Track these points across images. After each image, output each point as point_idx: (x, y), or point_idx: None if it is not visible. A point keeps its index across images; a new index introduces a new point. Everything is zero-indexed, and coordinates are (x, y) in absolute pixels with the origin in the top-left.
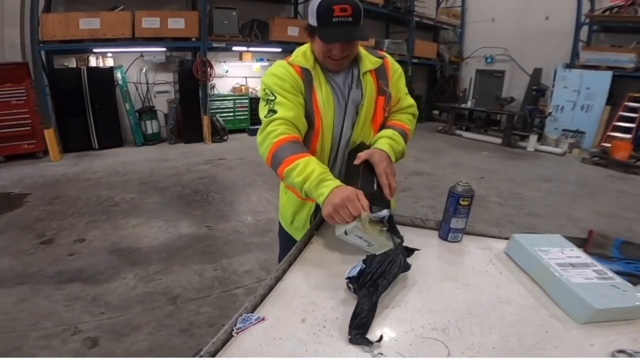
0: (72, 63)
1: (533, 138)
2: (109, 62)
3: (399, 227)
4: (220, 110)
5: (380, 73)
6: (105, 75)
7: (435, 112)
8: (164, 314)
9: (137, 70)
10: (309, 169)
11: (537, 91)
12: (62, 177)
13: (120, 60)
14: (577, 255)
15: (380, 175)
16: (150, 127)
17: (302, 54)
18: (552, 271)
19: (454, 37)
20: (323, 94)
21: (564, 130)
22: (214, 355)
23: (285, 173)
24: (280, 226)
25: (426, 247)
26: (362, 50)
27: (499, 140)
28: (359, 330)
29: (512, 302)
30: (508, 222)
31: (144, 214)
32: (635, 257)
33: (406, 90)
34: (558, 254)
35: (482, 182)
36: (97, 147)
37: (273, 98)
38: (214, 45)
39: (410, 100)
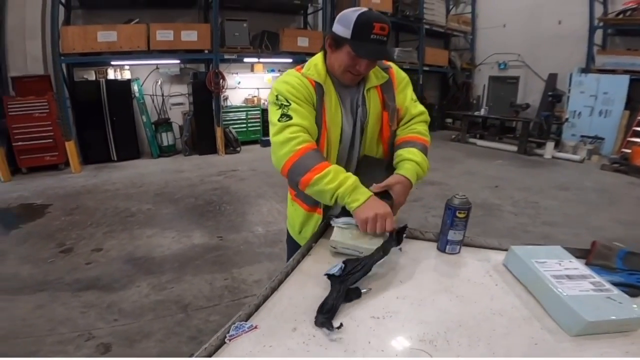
0: (91, 75)
1: (550, 145)
2: (127, 75)
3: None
4: (232, 122)
5: (386, 87)
6: (122, 88)
7: (449, 120)
8: (175, 322)
9: (152, 83)
10: (342, 176)
11: (553, 97)
12: (82, 189)
13: (137, 73)
14: (576, 267)
15: (395, 207)
16: (166, 138)
17: (314, 67)
18: (546, 283)
19: (465, 44)
20: (333, 111)
21: (582, 136)
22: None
23: (314, 179)
24: (289, 234)
25: (424, 258)
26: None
27: (515, 148)
28: (325, 314)
29: (505, 314)
30: (522, 232)
31: (159, 224)
32: (639, 267)
33: (414, 97)
34: (555, 265)
35: (497, 191)
36: (115, 158)
37: (288, 104)
38: (226, 57)
39: (420, 107)
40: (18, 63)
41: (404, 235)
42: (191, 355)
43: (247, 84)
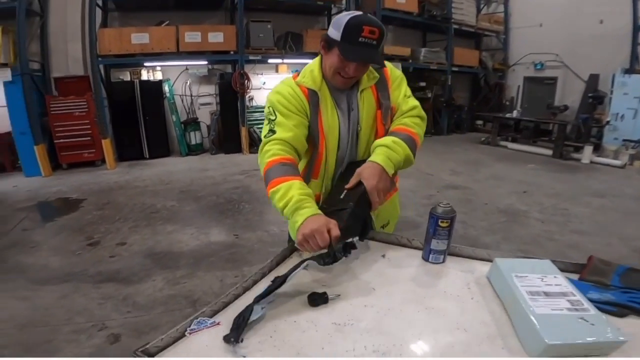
0: (126, 76)
1: (588, 149)
2: (158, 76)
3: (385, 245)
4: (257, 122)
5: (380, 85)
6: (155, 88)
7: (479, 122)
8: (182, 316)
9: (182, 83)
10: (289, 195)
11: (594, 98)
12: (115, 185)
13: (168, 74)
14: (558, 283)
15: (370, 194)
16: (194, 137)
17: (310, 74)
18: (518, 299)
19: (497, 44)
20: (329, 117)
21: (624, 140)
22: (162, 350)
23: (270, 194)
24: (289, 237)
25: (405, 267)
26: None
27: (550, 152)
28: (232, 331)
29: (470, 330)
30: (547, 240)
31: (180, 221)
32: (638, 285)
33: (408, 93)
34: (536, 281)
35: (524, 197)
36: (147, 156)
37: (274, 118)
38: (251, 57)
39: (412, 103)
40: (60, 64)
41: (353, 244)
42: (147, 344)
43: (272, 85)
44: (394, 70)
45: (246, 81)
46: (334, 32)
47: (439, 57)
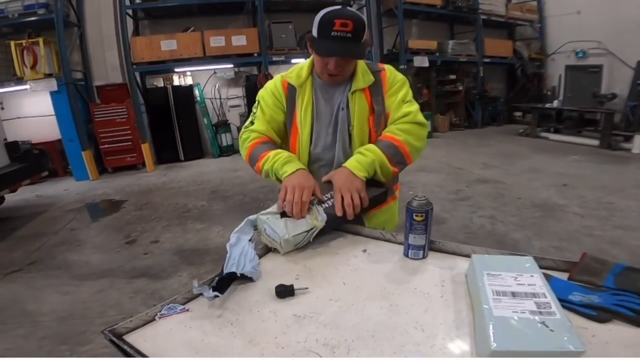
0: (160, 82)
1: (639, 138)
2: (189, 80)
3: (369, 240)
4: None
5: (374, 89)
6: (186, 93)
7: (518, 113)
8: None
9: (211, 87)
10: (278, 156)
11: None
12: (153, 186)
13: (197, 78)
14: (532, 283)
15: (335, 192)
16: (225, 139)
17: (298, 70)
18: (480, 298)
19: (533, 33)
20: (303, 111)
21: None
22: (130, 331)
23: (261, 166)
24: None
25: (383, 262)
26: (362, 66)
27: (596, 142)
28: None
29: (427, 330)
30: (586, 236)
31: (209, 219)
32: (633, 287)
33: (407, 98)
34: (508, 279)
35: (564, 190)
36: (183, 158)
37: (256, 111)
38: (274, 59)
39: (406, 109)
40: (100, 72)
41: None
42: (115, 325)
43: None
44: (393, 75)
45: None
46: (314, 29)
47: (468, 49)
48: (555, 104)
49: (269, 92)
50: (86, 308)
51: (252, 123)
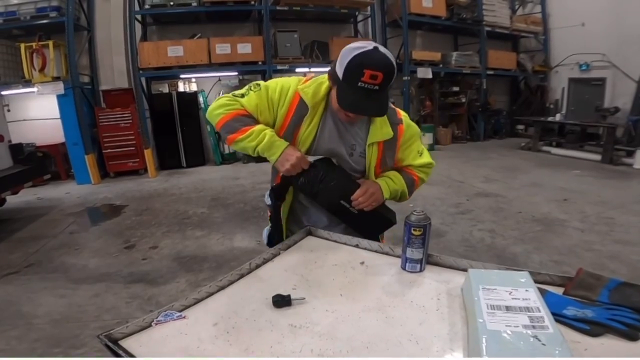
0: (165, 88)
1: None
2: (193, 87)
3: (367, 253)
4: None
5: (389, 144)
6: (190, 99)
7: (520, 127)
8: None
9: (215, 94)
10: (262, 134)
11: None
12: (154, 192)
13: (202, 85)
14: (527, 297)
15: (363, 184)
16: (227, 147)
17: (316, 87)
18: (475, 312)
19: (537, 45)
20: (304, 134)
21: None
22: (126, 337)
23: (238, 139)
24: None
25: (381, 274)
26: None
27: (598, 157)
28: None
29: (422, 342)
30: (585, 250)
31: (209, 227)
32: (627, 302)
33: (421, 149)
34: (503, 294)
35: (565, 205)
36: (185, 165)
37: (253, 91)
38: (279, 67)
39: (424, 160)
40: (107, 77)
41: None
42: (111, 330)
43: None
44: (409, 128)
45: None
46: (339, 67)
47: (471, 61)
48: (558, 117)
49: (277, 90)
50: (82, 312)
51: (242, 96)
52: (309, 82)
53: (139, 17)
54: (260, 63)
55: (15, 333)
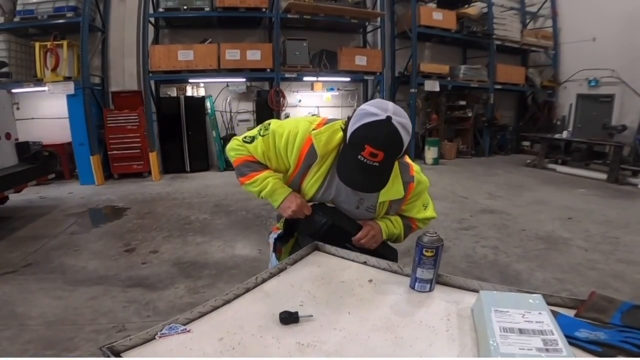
0: (173, 92)
1: None
2: (201, 92)
3: (376, 271)
4: None
5: (398, 200)
6: (198, 104)
7: (526, 143)
8: None
9: (223, 100)
10: (265, 182)
11: None
12: (157, 196)
13: (210, 90)
14: (540, 320)
15: (365, 225)
16: None
17: (329, 136)
18: (487, 334)
19: (546, 60)
20: (310, 182)
21: None
22: (129, 349)
23: (246, 184)
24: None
25: (390, 293)
26: (394, 169)
27: (604, 176)
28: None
29: None
30: (588, 269)
31: (210, 233)
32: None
33: (428, 202)
34: (517, 317)
35: (569, 223)
36: (189, 170)
37: (259, 136)
38: (287, 75)
39: (427, 214)
40: (118, 78)
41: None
42: (114, 342)
43: (308, 102)
44: (419, 185)
45: (282, 99)
46: (350, 126)
47: (480, 75)
48: (565, 134)
49: (288, 137)
50: (77, 314)
51: (252, 140)
52: (324, 127)
53: (152, 19)
54: (268, 70)
55: (8, 334)
